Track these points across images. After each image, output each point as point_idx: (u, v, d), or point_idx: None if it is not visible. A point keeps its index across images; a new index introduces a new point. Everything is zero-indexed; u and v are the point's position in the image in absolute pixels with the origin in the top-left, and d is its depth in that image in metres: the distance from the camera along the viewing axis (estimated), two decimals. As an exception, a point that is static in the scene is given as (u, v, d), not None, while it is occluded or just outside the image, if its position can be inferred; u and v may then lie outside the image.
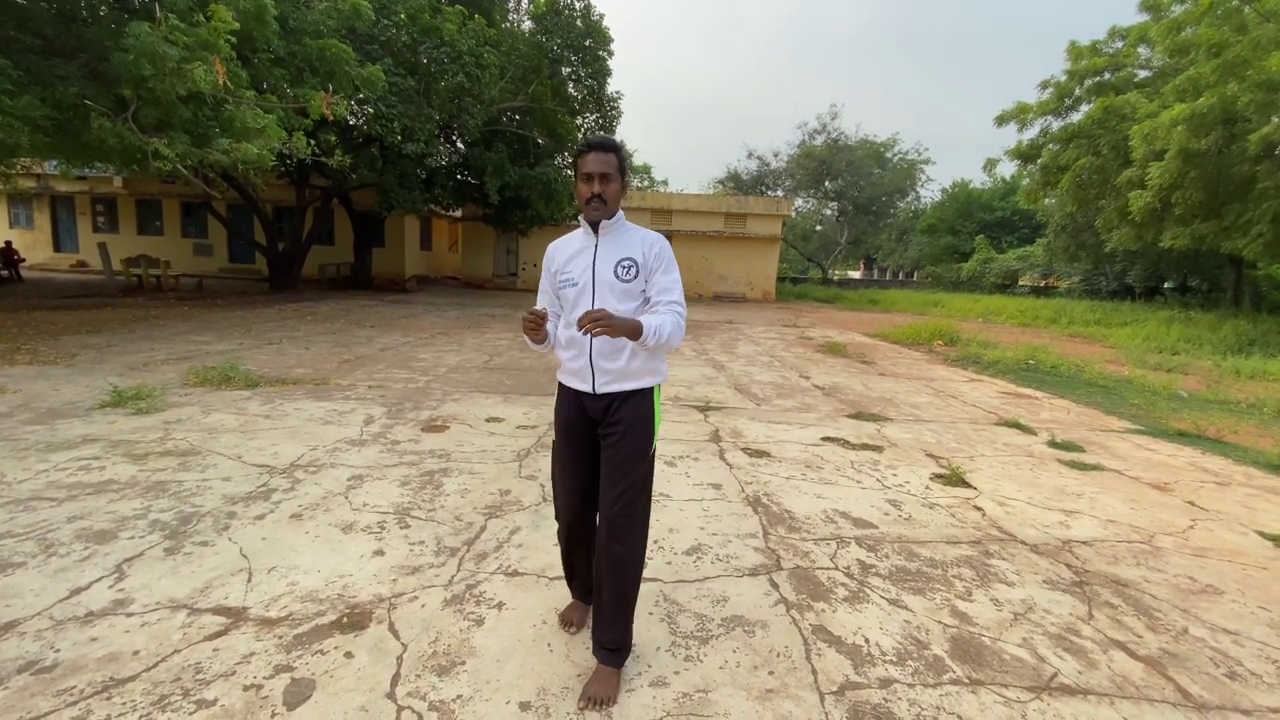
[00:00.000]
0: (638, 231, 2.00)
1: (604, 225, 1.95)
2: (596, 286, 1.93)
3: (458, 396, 5.70)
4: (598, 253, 1.95)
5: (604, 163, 1.88)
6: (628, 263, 1.93)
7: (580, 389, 1.98)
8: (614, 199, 1.92)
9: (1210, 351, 11.65)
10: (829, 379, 7.64)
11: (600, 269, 1.93)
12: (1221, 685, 2.07)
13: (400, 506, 3.18)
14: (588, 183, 1.89)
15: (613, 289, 1.92)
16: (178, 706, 1.73)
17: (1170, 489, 4.09)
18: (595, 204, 1.90)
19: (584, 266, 1.95)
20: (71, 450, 3.74)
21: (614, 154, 1.91)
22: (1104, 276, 27.82)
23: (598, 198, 1.89)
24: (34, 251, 22.35)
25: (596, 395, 1.95)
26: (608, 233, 1.97)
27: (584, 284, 1.94)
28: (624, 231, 1.99)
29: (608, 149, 1.90)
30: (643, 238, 1.98)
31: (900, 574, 2.73)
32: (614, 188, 1.91)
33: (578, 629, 2.21)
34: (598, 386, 1.94)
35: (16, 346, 6.92)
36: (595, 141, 1.91)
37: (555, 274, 2.02)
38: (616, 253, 1.94)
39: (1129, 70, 17.60)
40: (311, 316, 11.38)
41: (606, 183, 1.89)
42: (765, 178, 38.79)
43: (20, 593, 2.24)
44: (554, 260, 2.05)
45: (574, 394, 2.02)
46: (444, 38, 12.75)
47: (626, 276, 1.92)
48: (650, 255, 1.95)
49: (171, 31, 7.05)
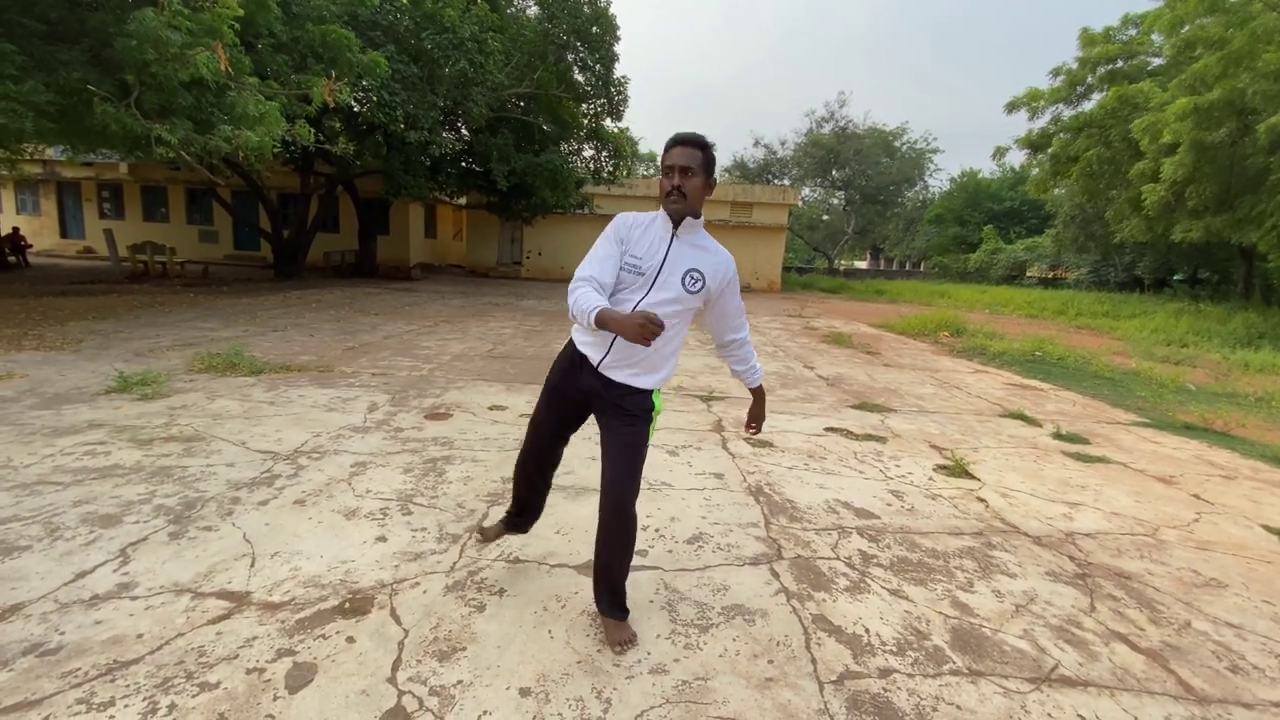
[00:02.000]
0: (713, 245, 2.00)
1: (685, 224, 1.92)
2: (657, 285, 1.90)
3: (461, 384, 5.70)
4: (670, 252, 1.92)
5: (688, 156, 1.86)
6: (696, 275, 1.92)
7: (589, 355, 1.98)
8: (695, 195, 1.88)
9: (1219, 344, 11.55)
10: (833, 369, 7.61)
11: (668, 271, 1.91)
12: (1224, 679, 2.07)
13: (403, 493, 3.19)
14: (669, 175, 1.87)
15: (673, 292, 1.91)
16: (181, 689, 1.74)
17: (1175, 482, 4.07)
18: (675, 196, 1.87)
19: (654, 263, 1.91)
20: (77, 435, 3.76)
21: (700, 150, 1.88)
22: (1113, 268, 27.61)
23: (677, 190, 1.86)
24: (40, 237, 22.42)
25: (598, 371, 1.97)
26: (686, 233, 1.94)
27: (648, 276, 1.90)
28: (700, 238, 1.97)
29: (694, 144, 1.87)
30: (719, 257, 1.98)
31: (902, 564, 2.73)
32: (695, 183, 1.88)
33: (485, 542, 2.52)
34: (605, 364, 1.95)
35: (23, 332, 6.96)
36: (683, 136, 1.88)
37: (626, 253, 1.93)
38: (689, 260, 1.93)
39: (1142, 58, 17.36)
40: (316, 304, 11.40)
41: (687, 176, 1.86)
42: (772, 166, 38.52)
43: (26, 576, 2.26)
44: (631, 237, 1.95)
45: (580, 359, 2.01)
46: (445, 24, 12.65)
47: (693, 289, 1.93)
48: (721, 280, 1.97)
49: (175, 17, 7.00)
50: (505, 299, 14.56)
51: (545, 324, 10.51)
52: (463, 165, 17.20)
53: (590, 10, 15.74)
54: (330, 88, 9.00)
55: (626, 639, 2.06)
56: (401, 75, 12.24)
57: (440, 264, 25.27)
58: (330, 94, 8.98)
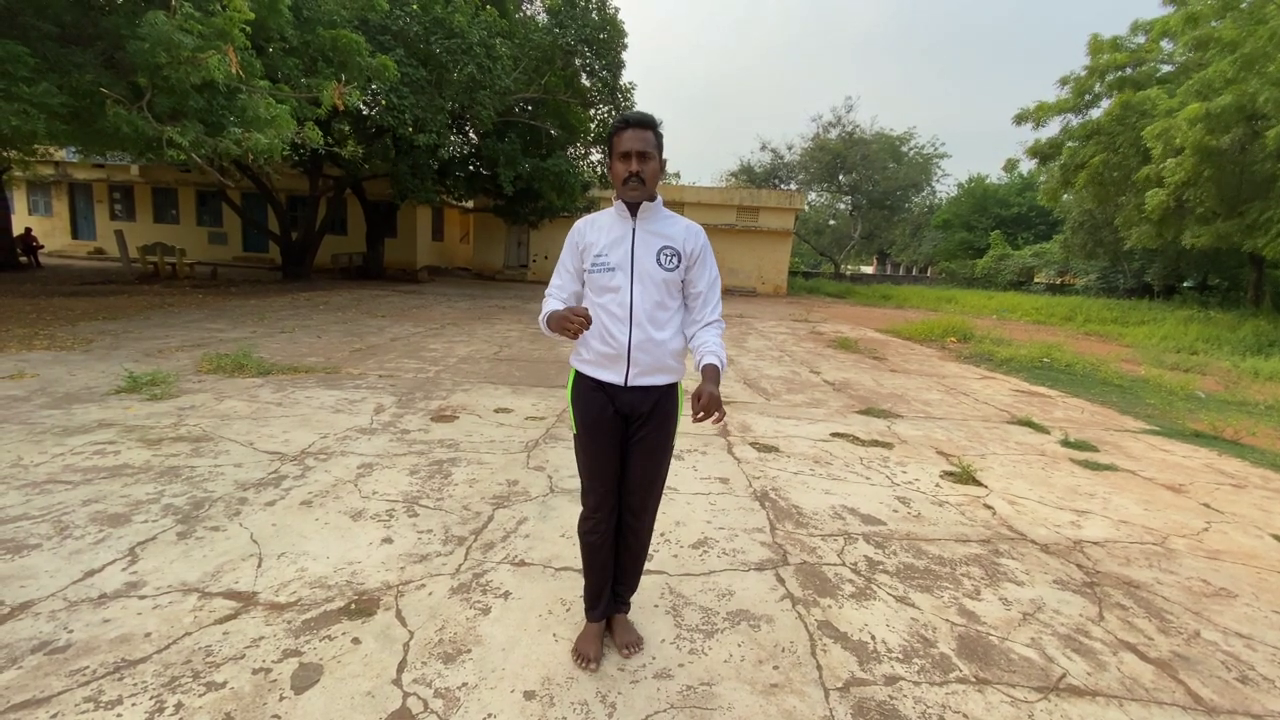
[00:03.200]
0: (676, 218, 1.94)
1: (643, 208, 1.86)
2: (636, 275, 1.84)
3: (467, 387, 5.72)
4: (635, 237, 1.86)
5: (642, 140, 1.79)
6: (670, 251, 1.86)
7: (611, 381, 1.88)
8: (652, 179, 1.83)
9: (1229, 352, 11.46)
10: (839, 374, 7.59)
11: (640, 256, 1.84)
12: (1233, 689, 2.05)
13: (409, 495, 3.20)
14: (625, 161, 1.80)
15: (653, 278, 1.84)
16: (188, 688, 1.75)
17: (1185, 490, 4.04)
18: (633, 183, 1.80)
19: (623, 253, 1.85)
20: (87, 434, 3.79)
21: (651, 131, 1.80)
22: (1122, 274, 27.45)
23: (635, 176, 1.79)
24: (52, 238, 22.65)
25: (628, 388, 1.88)
26: (646, 216, 1.87)
27: (623, 271, 1.84)
28: (662, 216, 1.91)
29: (646, 125, 1.80)
30: (684, 226, 1.92)
31: (908, 571, 2.71)
32: (652, 166, 1.82)
33: (597, 665, 1.96)
34: (631, 379, 1.86)
35: (35, 332, 7.02)
36: (633, 118, 1.80)
37: (586, 255, 1.89)
38: (657, 239, 1.86)
39: (1151, 65, 17.27)
40: (324, 305, 11.45)
41: (645, 161, 1.79)
42: (778, 171, 38.48)
43: (35, 574, 2.27)
44: (586, 241, 1.91)
45: (598, 386, 1.90)
46: (454, 28, 12.73)
47: (669, 265, 1.85)
48: (692, 246, 1.89)
49: (186, 20, 7.08)
50: (511, 302, 14.60)
51: (551, 327, 10.51)
52: (470, 169, 17.30)
53: (599, 17, 15.81)
54: (340, 91, 9.07)
55: (634, 641, 2.07)
56: (410, 79, 12.32)
57: (447, 266, 25.37)
58: (339, 97, 9.05)
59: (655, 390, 1.90)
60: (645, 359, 1.85)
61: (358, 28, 10.92)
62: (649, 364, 1.86)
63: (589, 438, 1.94)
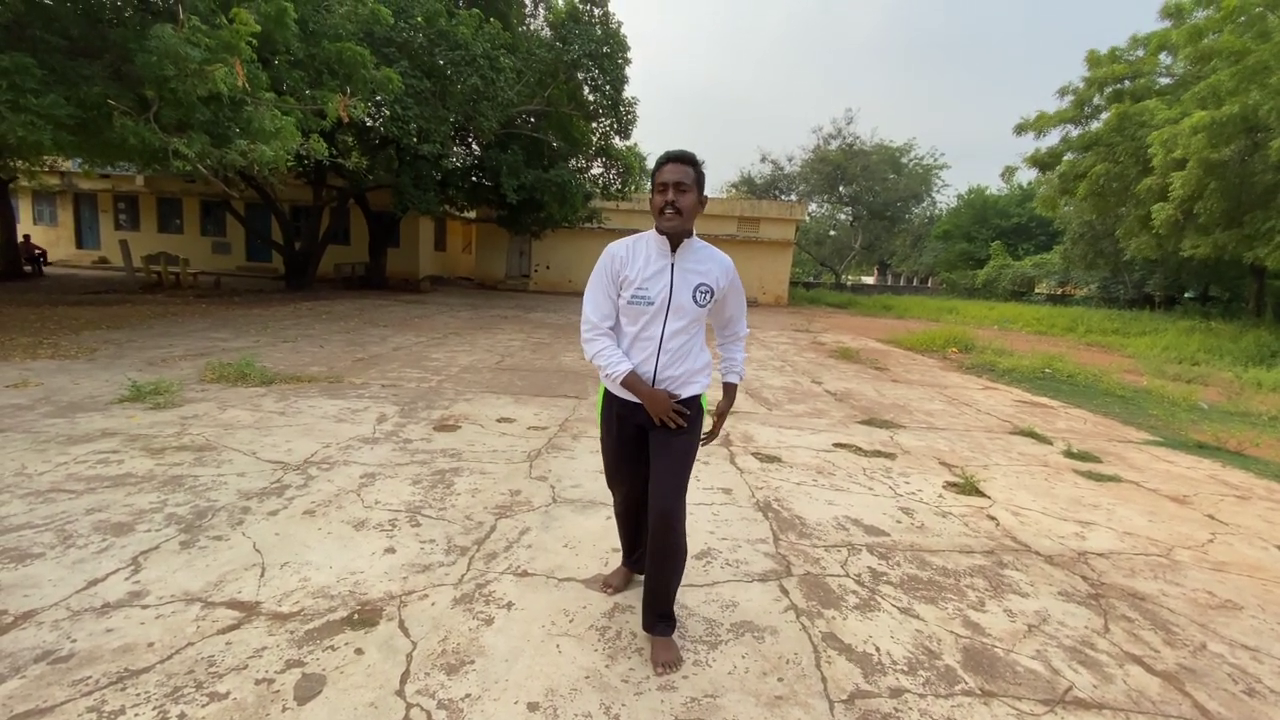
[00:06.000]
0: (709, 251, 2.05)
1: (682, 248, 1.98)
2: (672, 310, 1.97)
3: (469, 396, 5.72)
4: (674, 274, 1.97)
5: (681, 173, 1.90)
6: (705, 288, 1.99)
7: (639, 402, 2.01)
8: (689, 211, 1.93)
9: (1231, 362, 11.45)
10: (841, 384, 7.59)
11: (678, 292, 1.97)
12: (1240, 702, 2.03)
13: (411, 505, 3.19)
14: (663, 192, 1.91)
15: (687, 313, 1.98)
16: (190, 698, 1.75)
17: (1189, 502, 4.03)
18: (669, 213, 1.91)
19: (661, 287, 1.96)
20: (90, 443, 3.80)
21: (691, 166, 1.93)
22: (1122, 285, 27.50)
23: (671, 205, 1.90)
24: (57, 248, 22.76)
25: None
26: (684, 253, 1.99)
27: (660, 305, 1.97)
28: (697, 250, 2.02)
29: (685, 161, 1.92)
30: (718, 261, 2.04)
31: (912, 582, 2.70)
32: (689, 199, 1.92)
33: (615, 591, 2.43)
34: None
35: (39, 341, 7.05)
36: (674, 154, 1.93)
37: (626, 286, 1.99)
38: (693, 276, 1.98)
39: (1149, 78, 17.39)
40: (327, 315, 11.49)
41: (682, 193, 1.91)
42: (779, 182, 38.67)
43: (39, 583, 2.27)
44: (626, 271, 1.99)
45: (627, 406, 2.06)
46: (458, 41, 12.85)
47: (703, 302, 1.99)
48: (725, 282, 2.04)
49: (193, 33, 7.15)
50: (513, 311, 14.63)
51: (553, 337, 10.54)
52: (473, 180, 17.39)
53: (602, 32, 15.96)
54: (345, 103, 9.15)
55: (671, 660, 2.03)
56: (414, 90, 12.42)
57: (449, 276, 25.45)
58: (344, 109, 9.13)
59: (683, 401, 2.04)
60: (671, 384, 2.01)
61: (363, 40, 11.02)
62: (674, 387, 2.02)
63: (617, 444, 2.16)
